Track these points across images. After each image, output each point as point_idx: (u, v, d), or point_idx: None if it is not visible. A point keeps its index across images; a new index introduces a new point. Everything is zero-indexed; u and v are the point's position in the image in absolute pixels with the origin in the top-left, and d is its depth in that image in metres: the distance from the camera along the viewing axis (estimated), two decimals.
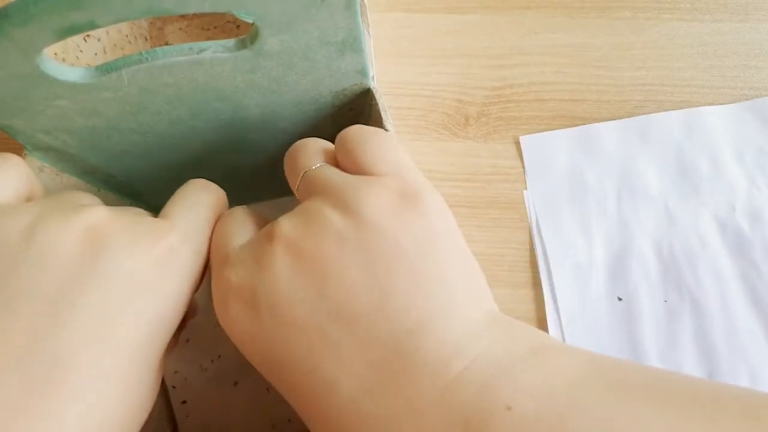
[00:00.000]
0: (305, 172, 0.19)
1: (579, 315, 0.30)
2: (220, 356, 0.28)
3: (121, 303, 0.16)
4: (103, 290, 0.16)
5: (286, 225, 0.17)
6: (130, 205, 0.29)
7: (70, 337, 0.15)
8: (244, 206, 0.20)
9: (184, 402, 0.20)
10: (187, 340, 0.28)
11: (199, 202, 0.20)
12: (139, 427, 0.17)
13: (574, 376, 0.14)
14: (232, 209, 0.20)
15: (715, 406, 0.13)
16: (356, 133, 0.19)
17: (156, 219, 0.19)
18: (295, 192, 0.20)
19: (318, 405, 0.16)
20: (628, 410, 0.13)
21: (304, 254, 0.16)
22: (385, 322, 0.15)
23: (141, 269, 0.17)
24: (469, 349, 0.15)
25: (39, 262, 0.16)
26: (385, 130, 0.21)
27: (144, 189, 0.28)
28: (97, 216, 0.17)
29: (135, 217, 0.18)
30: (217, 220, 0.20)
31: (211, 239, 0.19)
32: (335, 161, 0.19)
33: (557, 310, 0.31)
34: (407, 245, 0.16)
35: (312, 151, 0.20)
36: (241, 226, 0.19)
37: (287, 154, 0.21)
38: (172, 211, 0.19)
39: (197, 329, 0.20)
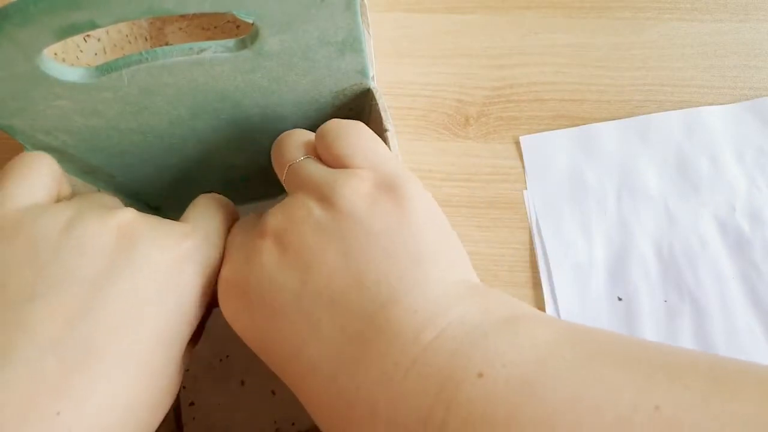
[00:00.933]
0: (290, 165, 0.20)
1: (579, 315, 0.30)
2: (228, 356, 0.28)
3: (149, 294, 0.18)
4: (133, 281, 0.17)
5: (272, 220, 0.18)
6: (130, 205, 0.29)
7: (101, 324, 0.17)
8: (255, 214, 0.21)
9: (192, 404, 0.20)
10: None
11: (215, 210, 0.22)
12: (159, 418, 0.18)
13: (547, 342, 0.14)
14: (243, 218, 0.22)
15: (688, 371, 0.12)
16: (334, 127, 0.20)
17: (179, 222, 0.20)
18: (282, 182, 0.21)
19: (306, 387, 0.16)
20: (597, 375, 0.13)
21: (288, 246, 0.18)
22: (360, 298, 0.16)
23: (167, 264, 0.18)
24: (441, 317, 0.15)
25: (77, 251, 0.17)
26: (385, 130, 0.21)
27: (144, 189, 0.28)
28: (128, 216, 0.19)
29: (161, 220, 0.20)
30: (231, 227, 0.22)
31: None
32: (317, 153, 0.20)
33: (557, 310, 0.31)
34: (381, 228, 0.17)
35: (296, 144, 0.21)
36: (249, 229, 0.20)
37: (274, 145, 0.22)
38: (192, 217, 0.21)
39: (206, 328, 0.21)
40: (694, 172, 0.33)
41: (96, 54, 0.29)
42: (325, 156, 0.20)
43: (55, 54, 0.26)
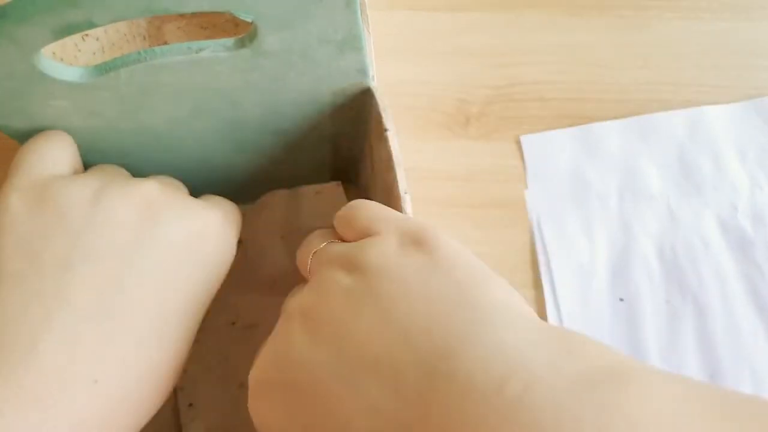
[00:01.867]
0: (314, 252, 0.19)
1: (580, 316, 0.30)
2: (227, 358, 0.28)
3: (171, 269, 0.19)
4: (157, 256, 0.19)
5: (296, 299, 0.18)
6: None
7: (129, 296, 0.18)
8: None
9: (191, 405, 0.20)
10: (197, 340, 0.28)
11: (228, 203, 0.23)
12: (168, 390, 0.19)
13: (675, 402, 0.12)
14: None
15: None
16: (352, 203, 0.20)
17: (199, 200, 0.21)
18: (307, 276, 0.20)
19: None
20: None
21: (317, 320, 0.16)
22: (409, 355, 0.14)
23: (189, 239, 0.19)
24: (526, 367, 0.13)
25: (106, 223, 0.18)
26: (385, 129, 0.21)
27: None
28: (151, 189, 0.20)
29: (182, 195, 0.21)
30: None
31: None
32: (340, 239, 0.20)
33: (558, 310, 0.30)
34: (417, 279, 0.15)
35: (318, 239, 0.20)
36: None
37: (298, 252, 0.21)
38: (209, 198, 0.22)
39: (205, 330, 0.21)
40: (697, 172, 0.33)
41: (94, 53, 0.29)
42: (347, 234, 0.19)
43: (53, 53, 0.26)
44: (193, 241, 0.19)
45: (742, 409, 0.12)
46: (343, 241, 0.19)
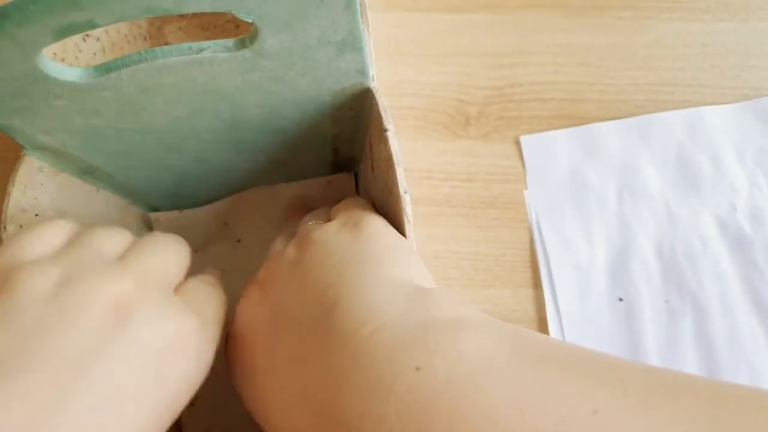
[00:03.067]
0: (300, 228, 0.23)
1: (580, 315, 0.30)
2: None
3: (136, 382, 0.16)
4: (120, 366, 0.15)
5: (261, 270, 0.21)
6: (130, 205, 0.29)
7: (78, 415, 0.14)
8: None
9: (192, 404, 0.20)
10: None
11: (214, 294, 0.21)
12: None
13: (490, 343, 0.14)
14: None
15: (628, 378, 0.13)
16: (344, 201, 0.24)
17: (178, 301, 0.18)
18: None
19: (270, 401, 0.17)
20: (540, 377, 0.13)
21: (267, 287, 0.20)
22: (313, 308, 0.17)
23: (161, 350, 0.16)
24: (382, 314, 0.15)
25: (60, 325, 0.15)
26: (385, 129, 0.21)
27: (143, 189, 0.28)
28: (124, 287, 0.17)
29: (161, 296, 0.18)
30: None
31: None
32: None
33: (558, 310, 0.30)
34: (337, 248, 0.19)
35: (308, 218, 0.23)
36: None
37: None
38: (193, 299, 0.19)
39: None
40: (695, 172, 0.33)
41: (95, 54, 0.29)
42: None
43: (54, 54, 0.26)
44: (164, 352, 0.17)
45: (554, 353, 0.14)
46: None
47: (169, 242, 0.20)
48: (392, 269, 0.18)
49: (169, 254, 0.19)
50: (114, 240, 0.19)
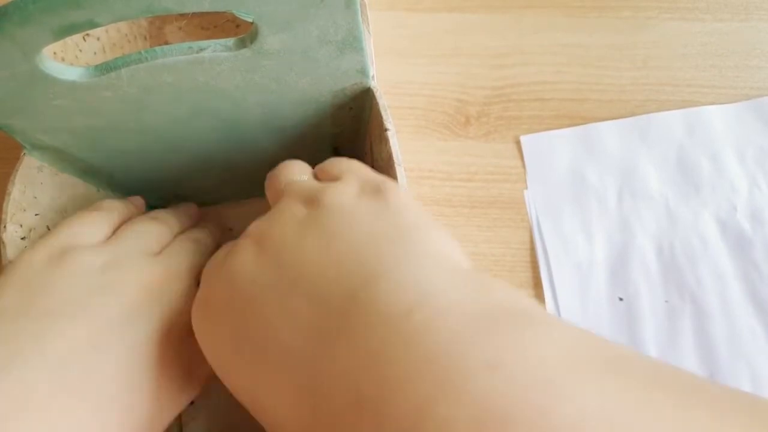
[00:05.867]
0: (288, 182, 0.20)
1: (580, 315, 0.30)
2: None
3: (157, 348, 0.19)
4: (145, 333, 0.19)
5: (254, 224, 0.19)
6: None
7: (102, 357, 0.18)
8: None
9: (192, 404, 0.20)
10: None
11: (193, 250, 0.24)
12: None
13: (568, 344, 0.12)
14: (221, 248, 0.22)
15: (720, 404, 0.11)
16: (330, 160, 0.21)
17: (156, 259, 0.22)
18: (272, 202, 0.21)
19: (277, 382, 0.15)
20: (622, 390, 0.11)
21: (267, 244, 0.17)
22: (340, 279, 0.15)
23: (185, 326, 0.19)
24: (437, 298, 0.13)
25: (102, 293, 0.19)
26: (386, 129, 0.21)
27: (144, 188, 0.28)
28: (157, 273, 0.21)
29: (183, 287, 0.22)
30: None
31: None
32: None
33: (558, 310, 0.30)
34: (363, 216, 0.17)
35: (296, 169, 0.21)
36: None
37: (270, 174, 0.22)
38: (169, 252, 0.23)
39: None
40: (695, 172, 0.33)
41: (95, 53, 0.29)
42: (323, 179, 0.20)
43: (55, 53, 0.26)
44: (185, 326, 0.19)
45: (629, 364, 0.12)
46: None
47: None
48: (431, 246, 0.16)
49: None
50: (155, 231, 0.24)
